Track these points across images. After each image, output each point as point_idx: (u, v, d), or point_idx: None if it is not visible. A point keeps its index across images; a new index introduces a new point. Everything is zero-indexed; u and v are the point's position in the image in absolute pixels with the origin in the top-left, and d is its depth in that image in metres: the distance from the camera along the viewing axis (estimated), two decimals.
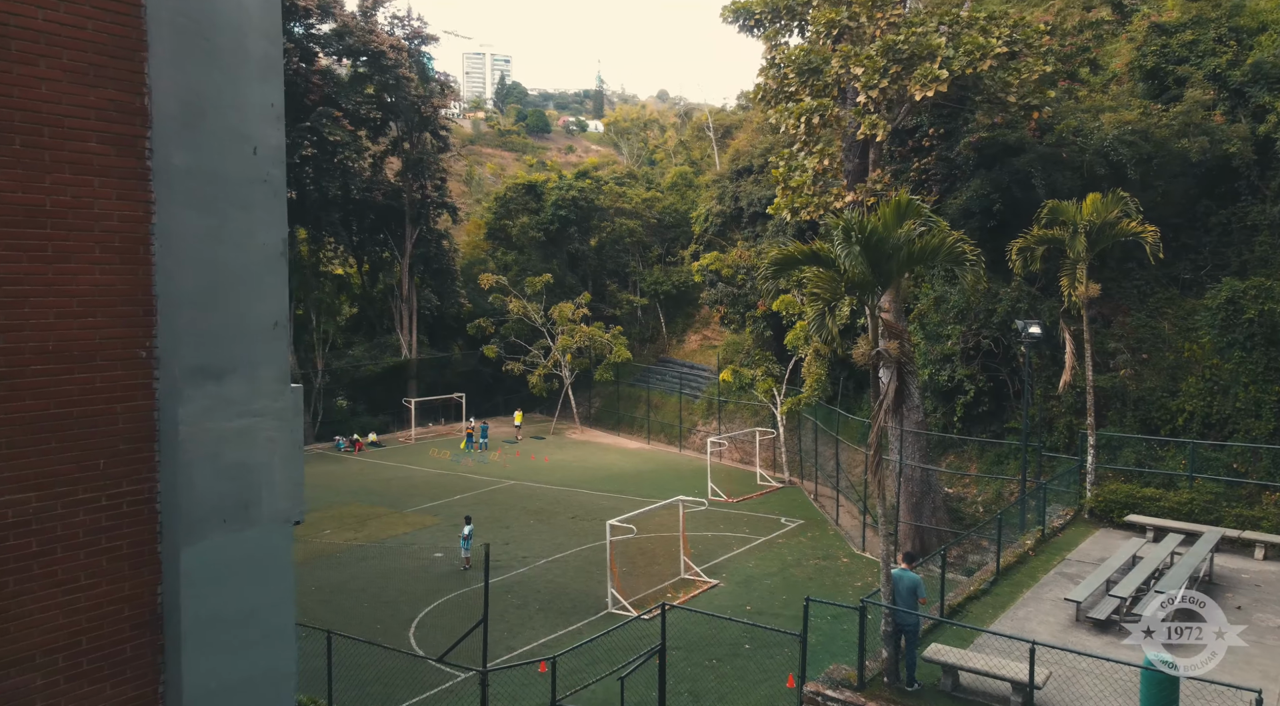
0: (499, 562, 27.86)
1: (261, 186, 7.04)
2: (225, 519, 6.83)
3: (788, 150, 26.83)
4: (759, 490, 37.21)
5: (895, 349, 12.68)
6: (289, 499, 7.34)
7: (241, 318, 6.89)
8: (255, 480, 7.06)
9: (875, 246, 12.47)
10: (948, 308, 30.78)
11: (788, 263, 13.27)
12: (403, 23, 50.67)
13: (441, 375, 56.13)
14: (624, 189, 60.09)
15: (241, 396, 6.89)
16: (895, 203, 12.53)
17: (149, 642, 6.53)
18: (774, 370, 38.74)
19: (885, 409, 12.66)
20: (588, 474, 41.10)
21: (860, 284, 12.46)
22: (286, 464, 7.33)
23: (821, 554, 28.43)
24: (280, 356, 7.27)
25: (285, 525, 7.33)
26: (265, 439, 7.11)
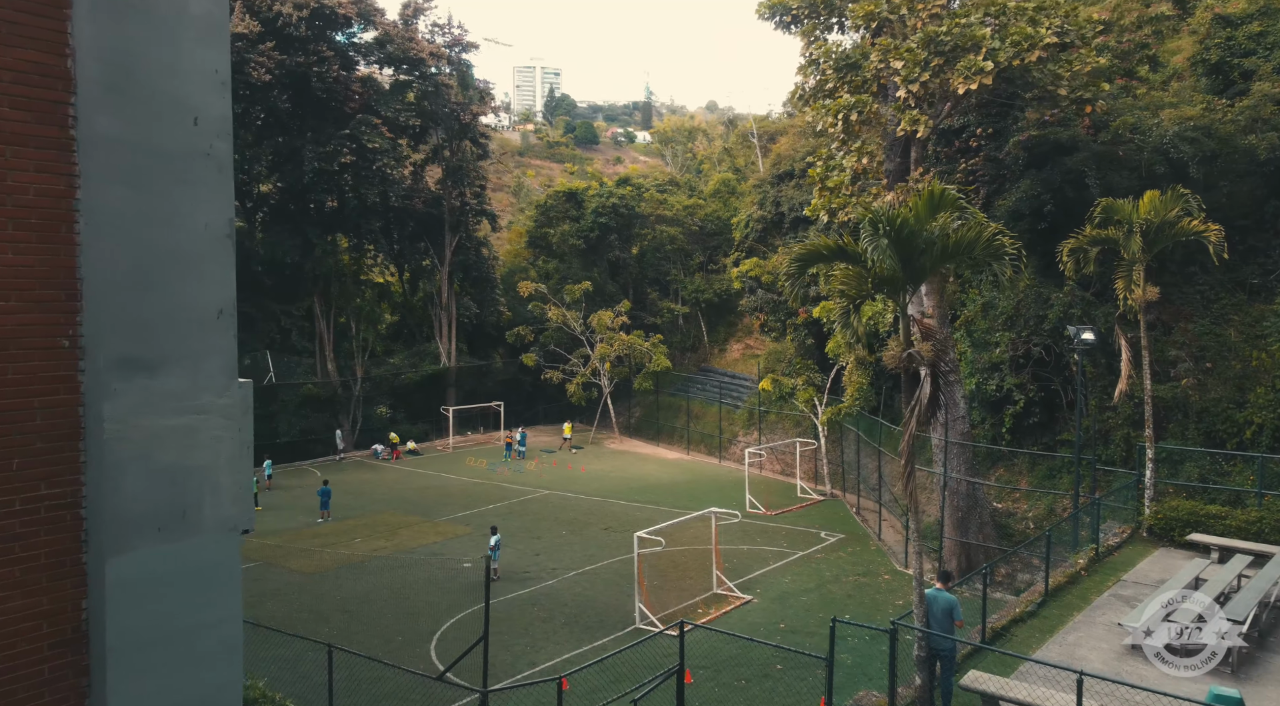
0: (527, 574, 27.24)
1: (204, 161, 6.38)
2: (160, 527, 6.15)
3: (826, 150, 25.89)
4: (799, 503, 36.09)
5: (929, 351, 11.72)
6: (236, 505, 6.64)
7: (180, 305, 6.22)
8: (196, 484, 6.37)
9: (906, 240, 11.54)
10: (996, 314, 29.46)
11: (812, 258, 12.40)
12: (443, 30, 50.76)
13: (481, 383, 55.91)
14: (665, 196, 59.42)
15: (180, 391, 6.22)
16: (928, 193, 11.60)
17: (70, 663, 5.87)
18: (815, 379, 37.63)
19: (918, 416, 11.70)
20: (624, 484, 40.34)
21: (889, 280, 11.55)
22: (234, 466, 6.64)
23: (862, 570, 27.26)
24: (227, 348, 6.58)
25: (231, 534, 6.63)
26: (208, 438, 6.44)
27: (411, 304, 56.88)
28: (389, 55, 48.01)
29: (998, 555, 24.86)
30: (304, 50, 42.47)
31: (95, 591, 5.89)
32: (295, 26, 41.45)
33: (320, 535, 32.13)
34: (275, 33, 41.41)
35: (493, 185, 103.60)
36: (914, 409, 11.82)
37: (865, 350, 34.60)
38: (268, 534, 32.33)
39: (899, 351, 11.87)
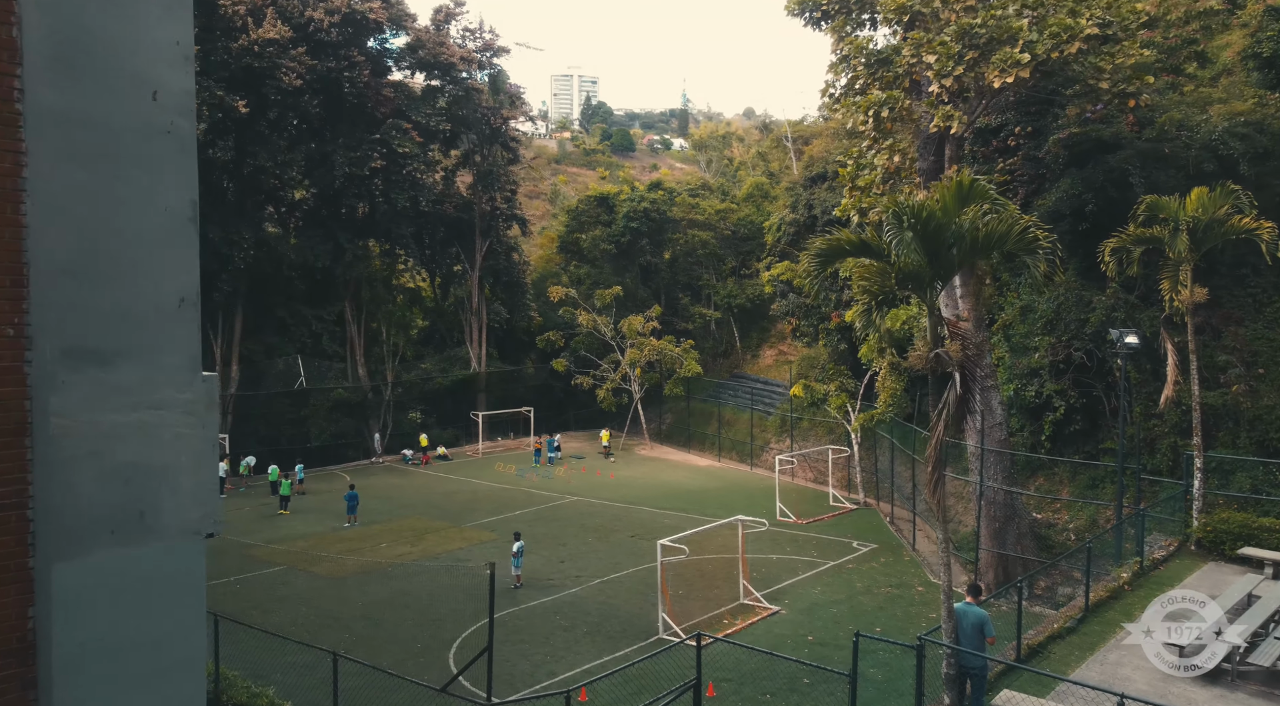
0: (551, 582, 26.79)
1: (164, 139, 5.96)
2: (114, 529, 5.71)
3: (856, 148, 25.20)
4: (831, 511, 35.27)
5: (957, 351, 11.06)
6: (199, 507, 6.19)
7: (138, 292, 5.79)
8: (154, 484, 5.92)
9: (932, 234, 10.90)
10: (1035, 317, 28.49)
11: (833, 254, 11.80)
12: (474, 35, 50.77)
13: (512, 389, 55.72)
14: (697, 200, 58.87)
15: (137, 385, 5.78)
16: (956, 183, 10.96)
17: (17, 675, 5.46)
18: (848, 385, 36.80)
19: (945, 420, 11.03)
20: (653, 491, 39.79)
21: (913, 276, 10.92)
22: (197, 466, 6.19)
23: (895, 581, 26.42)
24: (189, 339, 6.15)
25: (194, 538, 6.18)
26: (168, 436, 5.99)
27: (443, 309, 56.91)
28: (420, 60, 48.12)
29: (1036, 567, 23.89)
30: (335, 55, 42.67)
31: (43, 598, 5.48)
32: (326, 32, 41.65)
33: (346, 540, 31.99)
34: (307, 38, 41.65)
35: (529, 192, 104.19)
36: (942, 412, 11.16)
37: (898, 354, 33.73)
38: (294, 538, 32.28)
39: (925, 352, 11.22)
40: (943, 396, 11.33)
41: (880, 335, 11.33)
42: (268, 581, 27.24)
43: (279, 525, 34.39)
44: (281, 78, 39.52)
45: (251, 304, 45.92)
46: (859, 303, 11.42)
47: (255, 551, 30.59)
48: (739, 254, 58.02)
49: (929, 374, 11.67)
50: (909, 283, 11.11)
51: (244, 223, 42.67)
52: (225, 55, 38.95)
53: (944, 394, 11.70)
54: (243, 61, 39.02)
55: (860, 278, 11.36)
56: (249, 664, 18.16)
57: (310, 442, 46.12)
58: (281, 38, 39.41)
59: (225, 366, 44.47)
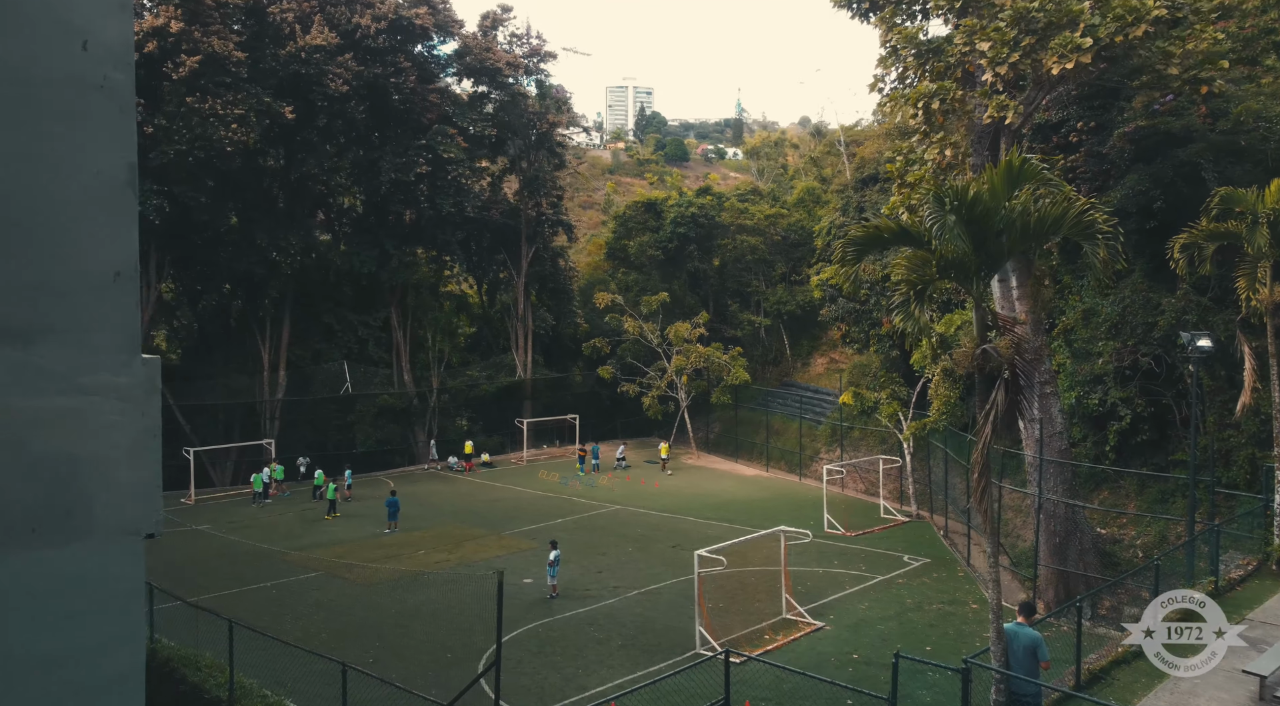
0: (588, 592, 26.06)
1: (95, 94, 5.30)
2: (36, 528, 5.03)
3: (906, 143, 24.11)
4: (881, 524, 33.94)
5: (1007, 347, 10.06)
6: (137, 504, 5.49)
7: (64, 263, 5.11)
8: (84, 478, 5.20)
9: (979, 219, 9.94)
10: (1099, 321, 26.99)
11: (869, 242, 10.89)
12: (521, 41, 50.69)
13: (558, 396, 55.26)
14: (746, 205, 57.85)
15: (62, 367, 5.09)
16: (1005, 164, 10.00)
17: None
18: (900, 392, 35.45)
19: (993, 423, 10.03)
20: (697, 501, 38.87)
21: (958, 265, 9.96)
22: (135, 458, 5.51)
23: (947, 598, 25.11)
24: (126, 317, 5.45)
25: (131, 538, 5.49)
26: (100, 424, 5.29)
27: (489, 315, 56.80)
28: (467, 67, 48.15)
29: (1100, 585, 22.44)
30: (382, 62, 42.86)
31: None
32: (373, 38, 41.84)
33: (385, 546, 31.70)
34: (354, 44, 41.90)
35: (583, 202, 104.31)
36: (989, 414, 10.16)
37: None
38: (333, 544, 32.11)
39: (971, 348, 10.24)
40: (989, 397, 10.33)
41: (928, 333, 10.37)
42: (303, 587, 27.01)
43: (320, 531, 34.29)
44: (328, 84, 39.75)
45: (299, 310, 46.28)
46: (898, 292, 10.48)
47: (294, 557, 30.46)
48: (789, 260, 56.84)
49: (976, 373, 10.68)
50: (952, 272, 10.15)
51: (292, 229, 43.01)
52: (273, 62, 39.34)
53: (990, 394, 10.70)
54: (290, 68, 39.36)
55: (903, 267, 10.43)
56: (272, 672, 17.76)
57: (356, 448, 46.19)
58: (329, 44, 39.68)
59: (273, 372, 44.83)
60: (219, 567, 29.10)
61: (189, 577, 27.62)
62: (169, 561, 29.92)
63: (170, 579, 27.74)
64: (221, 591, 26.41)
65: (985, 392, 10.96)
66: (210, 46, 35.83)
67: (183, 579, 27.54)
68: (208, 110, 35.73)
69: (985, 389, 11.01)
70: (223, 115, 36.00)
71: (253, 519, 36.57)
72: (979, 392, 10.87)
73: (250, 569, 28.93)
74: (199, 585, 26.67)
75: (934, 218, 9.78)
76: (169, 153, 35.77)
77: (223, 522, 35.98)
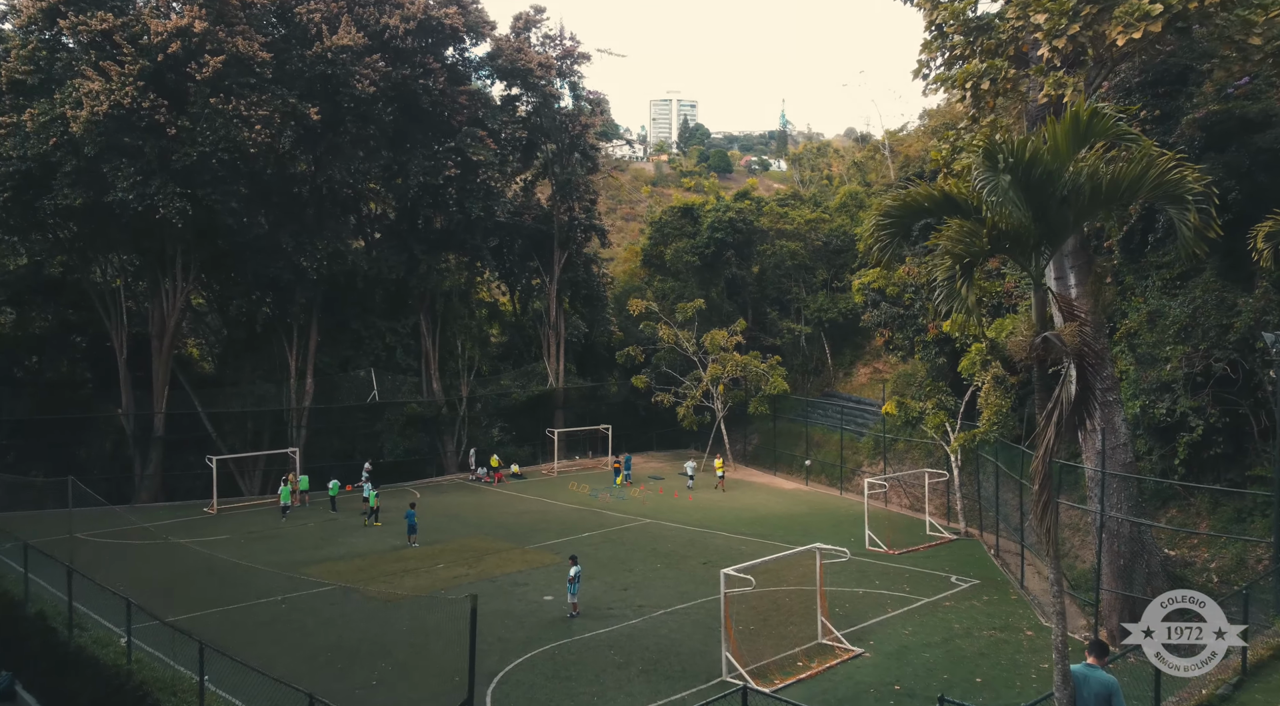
0: (610, 611, 24.50)
1: None
2: None
3: (952, 132, 22.31)
4: (927, 541, 31.90)
5: (1072, 336, 8.39)
6: None
7: None
8: None
9: (1039, 183, 8.29)
10: (1166, 324, 24.80)
11: (908, 213, 9.27)
12: (555, 42, 49.62)
13: (591, 406, 53.91)
14: (786, 209, 56.04)
15: None
16: (1071, 117, 8.33)
17: None
18: (947, 402, 33.41)
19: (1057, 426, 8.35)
20: (732, 515, 37.15)
21: (1014, 237, 8.32)
22: None
23: (999, 623, 23.08)
24: None
25: None
26: None
27: (521, 323, 55.69)
28: (499, 68, 47.23)
29: None
30: (410, 63, 42.04)
31: None
32: (402, 39, 41.04)
33: (404, 559, 30.50)
34: (382, 45, 41.15)
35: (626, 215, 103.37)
36: (1052, 415, 8.48)
37: (1004, 367, 30.32)
38: (353, 557, 31.00)
39: (1029, 335, 8.58)
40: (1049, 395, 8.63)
41: (974, 315, 8.86)
42: (316, 602, 25.82)
43: (340, 543, 33.22)
44: (355, 85, 38.99)
45: (326, 316, 45.57)
46: (941, 268, 8.86)
47: (310, 569, 29.37)
48: (831, 266, 54.87)
49: (1034, 366, 8.99)
50: (1006, 244, 8.51)
51: (320, 234, 42.29)
52: (300, 63, 38.69)
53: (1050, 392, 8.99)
54: (316, 69, 38.65)
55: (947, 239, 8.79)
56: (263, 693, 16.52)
57: (383, 458, 45.23)
58: (356, 44, 38.92)
59: (300, 379, 44.10)
60: (231, 580, 28.09)
61: (197, 591, 26.63)
62: (180, 573, 29.01)
63: (180, 591, 26.81)
64: (230, 604, 25.37)
65: (1045, 391, 9.26)
66: (235, 47, 35.23)
67: (191, 592, 26.58)
68: (231, 111, 35.09)
69: (1045, 387, 9.31)
70: (246, 116, 35.33)
71: (274, 529, 35.65)
72: (1038, 392, 9.20)
73: (261, 581, 27.87)
74: (207, 598, 25.67)
75: (985, 179, 8.19)
76: (192, 155, 35.18)
77: (242, 533, 35.12)
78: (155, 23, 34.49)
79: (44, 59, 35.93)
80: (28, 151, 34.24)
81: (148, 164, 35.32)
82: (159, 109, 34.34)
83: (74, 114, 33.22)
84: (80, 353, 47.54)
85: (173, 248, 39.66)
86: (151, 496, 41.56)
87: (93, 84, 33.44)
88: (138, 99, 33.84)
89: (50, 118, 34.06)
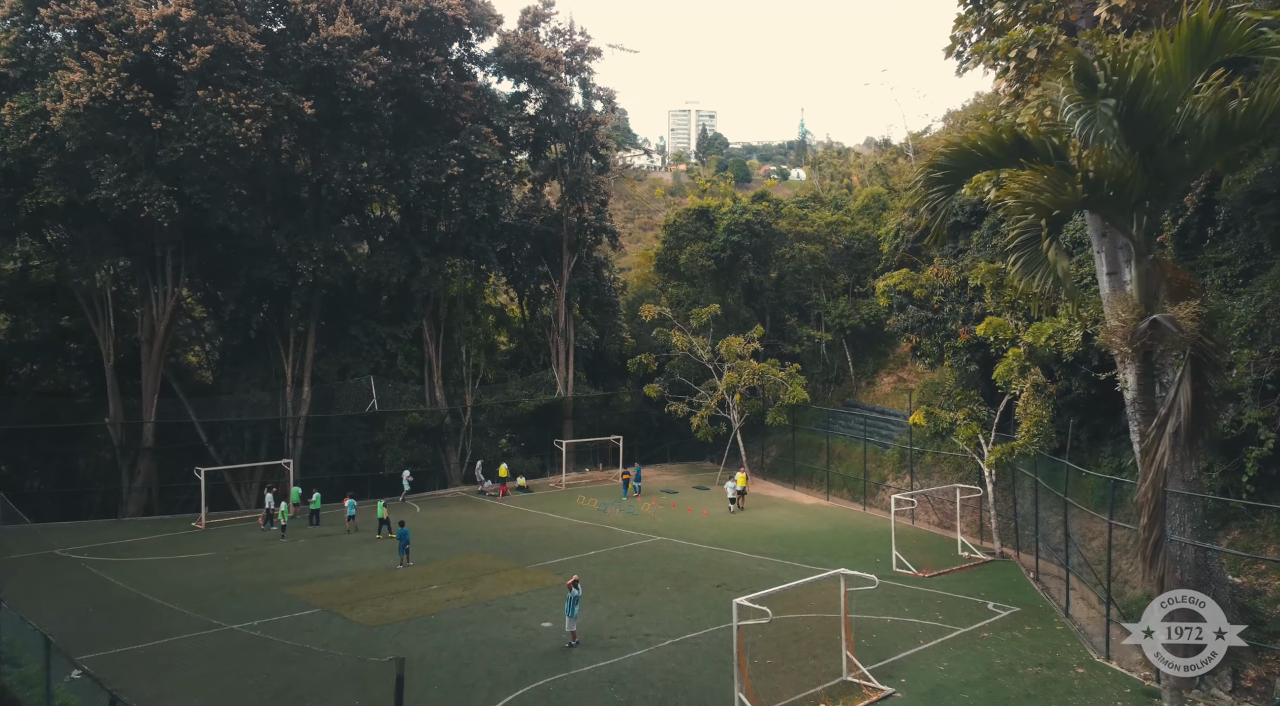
0: (613, 640, 22.29)
1: None
2: None
3: (992, 111, 20.09)
4: (959, 563, 29.49)
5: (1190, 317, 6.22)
6: None
7: None
8: None
9: (1146, 115, 6.11)
10: (1228, 325, 22.39)
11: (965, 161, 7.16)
12: (564, 37, 47.68)
13: (602, 416, 51.72)
14: (806, 211, 53.75)
15: None
16: (1192, 24, 6.15)
17: None
18: (979, 412, 31.02)
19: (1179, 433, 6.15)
20: (749, 532, 34.86)
21: (1115, 185, 6.16)
22: None
23: (1046, 659, 20.68)
24: None
25: None
26: None
27: (530, 330, 53.66)
28: (505, 64, 45.31)
29: (1246, 652, 17.86)
30: (411, 56, 40.20)
31: None
32: (402, 31, 39.21)
33: (396, 579, 28.44)
34: (382, 38, 39.34)
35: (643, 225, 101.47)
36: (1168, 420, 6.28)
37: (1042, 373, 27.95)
38: (341, 575, 28.97)
39: (1132, 320, 6.40)
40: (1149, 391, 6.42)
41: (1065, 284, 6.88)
42: (295, 626, 23.78)
43: (330, 561, 31.20)
44: (352, 78, 37.19)
45: (325, 322, 43.73)
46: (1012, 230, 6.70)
47: (295, 589, 27.39)
48: (853, 271, 52.49)
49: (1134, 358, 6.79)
50: (1104, 194, 6.36)
51: (317, 235, 40.45)
52: (295, 56, 36.88)
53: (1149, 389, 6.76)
54: (312, 61, 36.85)
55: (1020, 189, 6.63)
56: None
57: (383, 470, 43.26)
58: (354, 36, 37.10)
59: (297, 387, 42.24)
60: (207, 602, 26.09)
61: (165, 615, 24.63)
62: (158, 591, 27.09)
63: (148, 615, 24.80)
64: (200, 631, 23.34)
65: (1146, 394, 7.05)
66: (224, 37, 33.49)
67: (160, 616, 24.59)
68: (220, 104, 33.32)
69: (1145, 388, 7.11)
70: (236, 110, 33.56)
71: (264, 546, 33.68)
72: (1138, 394, 6.97)
73: (242, 603, 25.87)
74: (172, 626, 23.62)
75: (1078, 108, 6.09)
76: (179, 150, 33.42)
77: (229, 549, 33.19)
78: (140, 11, 32.83)
79: (26, 51, 34.40)
80: (7, 147, 32.67)
81: (132, 160, 33.62)
82: (144, 101, 32.61)
83: (54, 107, 31.59)
84: (76, 359, 46.05)
85: (162, 249, 37.95)
86: (140, 509, 39.74)
87: (73, 75, 31.81)
88: (121, 91, 32.16)
89: (31, 111, 32.48)
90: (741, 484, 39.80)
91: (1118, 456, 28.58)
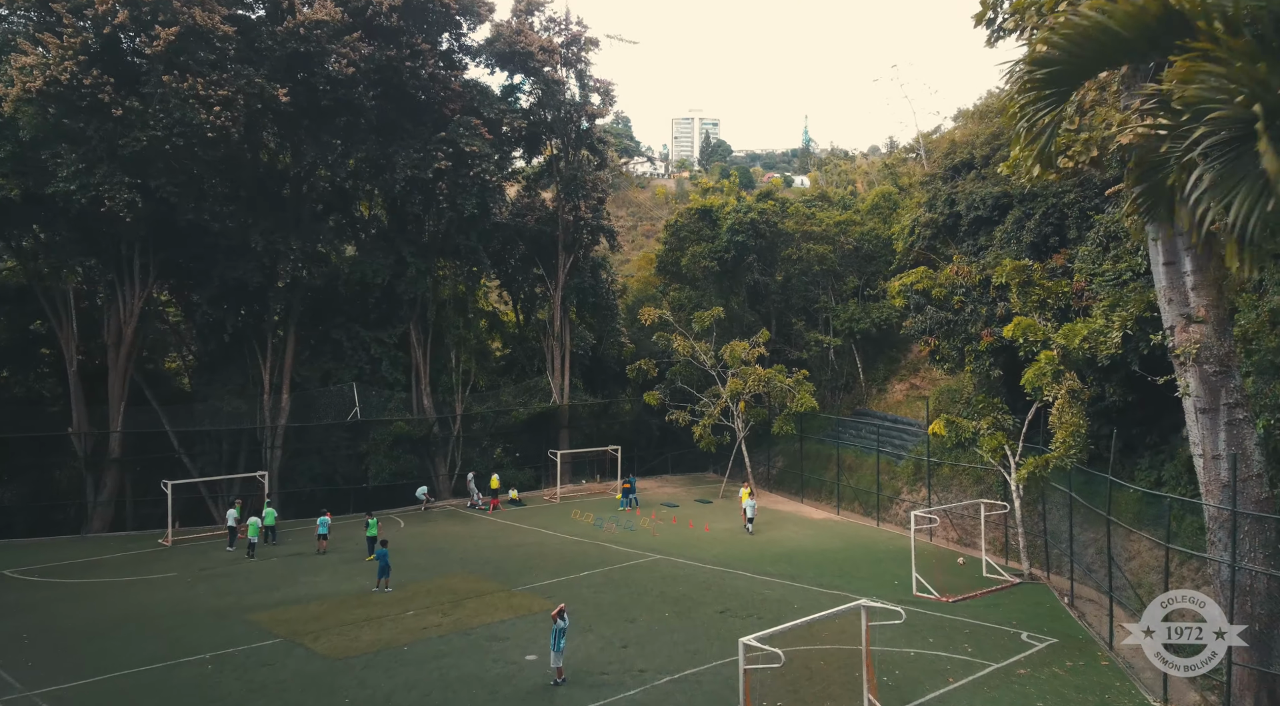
0: (604, 676, 19.87)
1: None
2: None
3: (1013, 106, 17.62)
4: (984, 586, 27.00)
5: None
6: None
7: None
8: None
9: None
10: None
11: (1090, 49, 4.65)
12: (559, 27, 45.41)
13: (600, 425, 49.27)
14: (813, 210, 51.38)
15: None
16: None
17: None
18: (1005, 422, 28.59)
19: None
20: (755, 550, 32.41)
21: None
22: None
23: (1094, 700, 18.22)
24: None
25: None
26: None
27: (524, 334, 51.26)
28: (497, 54, 43.02)
29: None
30: (396, 43, 37.91)
31: None
32: (386, 16, 36.96)
33: (370, 605, 26.00)
34: (364, 23, 37.06)
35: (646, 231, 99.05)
36: None
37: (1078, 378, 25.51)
38: (311, 599, 26.51)
39: None
40: None
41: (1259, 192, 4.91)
42: (250, 660, 21.33)
43: (301, 583, 28.75)
44: (331, 65, 34.94)
45: (305, 325, 41.37)
46: (1197, 133, 4.42)
47: (258, 615, 24.96)
48: (863, 273, 50.06)
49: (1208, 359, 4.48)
50: None
51: (296, 233, 38.12)
52: (270, 40, 34.58)
53: None
54: (288, 46, 34.51)
55: (1213, 70, 4.29)
56: None
57: (367, 483, 40.85)
58: (333, 20, 34.82)
59: (275, 394, 39.85)
60: (159, 630, 23.68)
61: (109, 647, 22.17)
62: (108, 617, 24.70)
63: (88, 647, 22.37)
64: (144, 666, 20.92)
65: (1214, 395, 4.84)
66: (191, 18, 31.23)
67: (104, 648, 22.15)
68: (187, 91, 31.03)
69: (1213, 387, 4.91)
70: (204, 97, 31.27)
71: (231, 567, 31.23)
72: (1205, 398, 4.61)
73: (195, 632, 23.41)
74: (112, 660, 21.16)
75: None
76: (142, 139, 31.12)
77: (194, 569, 30.76)
78: None
79: None
80: None
81: (92, 150, 31.32)
82: (104, 87, 30.30)
83: (5, 92, 29.37)
84: (48, 366, 43.80)
85: (128, 247, 35.64)
86: (106, 524, 37.35)
87: (27, 58, 29.61)
88: (78, 75, 29.89)
89: None
90: (746, 498, 37.28)
91: (1156, 469, 26.16)
